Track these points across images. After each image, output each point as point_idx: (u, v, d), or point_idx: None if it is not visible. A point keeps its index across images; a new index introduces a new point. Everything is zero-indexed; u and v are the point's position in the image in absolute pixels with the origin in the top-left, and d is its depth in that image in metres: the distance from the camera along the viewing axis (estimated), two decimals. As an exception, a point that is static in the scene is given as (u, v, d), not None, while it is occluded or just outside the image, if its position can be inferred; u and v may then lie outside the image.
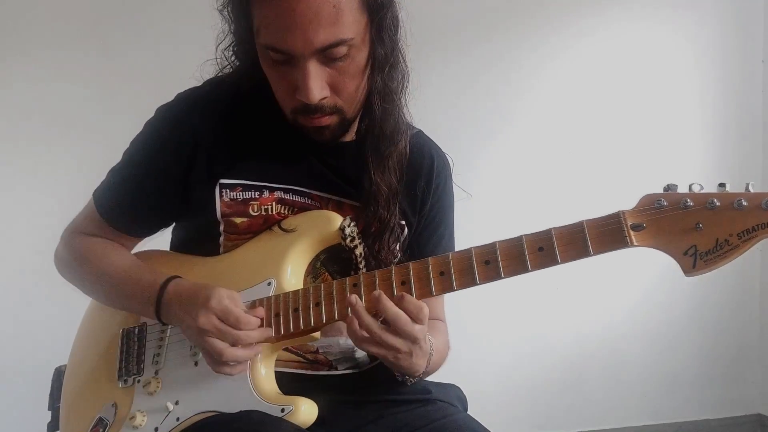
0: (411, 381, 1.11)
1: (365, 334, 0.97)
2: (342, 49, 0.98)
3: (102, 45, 2.38)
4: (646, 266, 2.57)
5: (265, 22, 0.98)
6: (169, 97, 1.17)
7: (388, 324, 0.97)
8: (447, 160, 1.26)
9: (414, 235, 1.21)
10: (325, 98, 1.01)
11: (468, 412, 1.17)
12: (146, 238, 1.25)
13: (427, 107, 1.19)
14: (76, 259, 1.20)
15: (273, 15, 0.96)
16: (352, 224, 1.09)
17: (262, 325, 1.03)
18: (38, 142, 2.34)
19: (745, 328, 2.90)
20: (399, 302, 0.96)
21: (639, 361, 2.81)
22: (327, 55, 0.98)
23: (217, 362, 1.00)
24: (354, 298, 0.97)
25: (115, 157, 1.20)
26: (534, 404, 2.74)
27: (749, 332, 2.90)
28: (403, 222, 1.18)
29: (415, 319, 0.96)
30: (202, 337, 0.99)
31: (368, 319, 0.96)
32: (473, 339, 2.48)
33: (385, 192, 1.10)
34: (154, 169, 1.14)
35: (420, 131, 1.24)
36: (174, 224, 1.24)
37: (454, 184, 1.28)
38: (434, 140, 1.26)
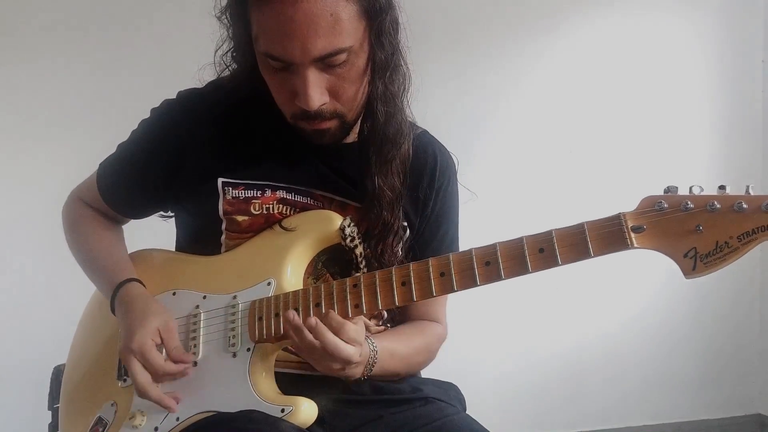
0: (362, 380, 1.10)
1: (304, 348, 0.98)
2: (341, 57, 0.98)
3: (105, 43, 2.38)
4: (647, 267, 2.55)
5: (263, 30, 0.98)
6: (171, 95, 1.19)
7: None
8: (451, 159, 1.25)
9: (416, 235, 1.21)
10: (324, 104, 1.02)
11: (467, 412, 1.17)
12: (150, 236, 1.25)
13: (427, 107, 1.19)
14: (71, 225, 1.29)
15: (271, 24, 0.96)
16: (352, 224, 1.09)
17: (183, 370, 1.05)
18: (37, 142, 2.34)
19: (745, 328, 2.90)
20: (324, 319, 0.97)
21: (639, 361, 2.81)
22: (326, 63, 0.98)
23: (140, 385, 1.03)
24: (291, 314, 0.98)
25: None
26: (534, 404, 2.74)
27: (749, 332, 2.90)
28: (405, 223, 1.17)
29: (337, 332, 0.96)
30: (128, 356, 1.03)
31: (308, 338, 0.96)
32: (473, 338, 2.48)
33: (388, 195, 1.10)
34: (146, 152, 1.19)
35: (425, 131, 1.24)
36: (176, 222, 1.26)
37: (459, 185, 1.27)
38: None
